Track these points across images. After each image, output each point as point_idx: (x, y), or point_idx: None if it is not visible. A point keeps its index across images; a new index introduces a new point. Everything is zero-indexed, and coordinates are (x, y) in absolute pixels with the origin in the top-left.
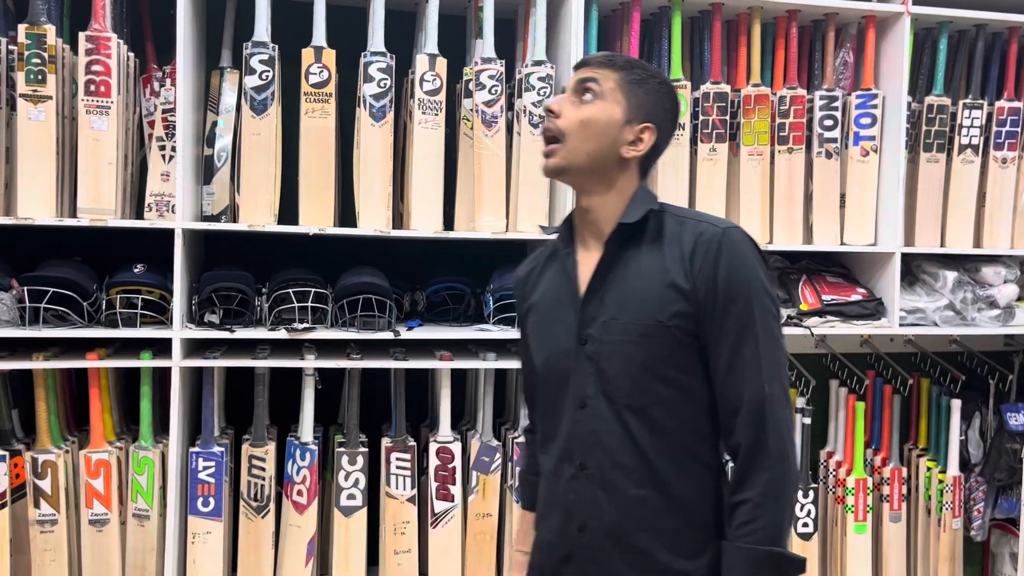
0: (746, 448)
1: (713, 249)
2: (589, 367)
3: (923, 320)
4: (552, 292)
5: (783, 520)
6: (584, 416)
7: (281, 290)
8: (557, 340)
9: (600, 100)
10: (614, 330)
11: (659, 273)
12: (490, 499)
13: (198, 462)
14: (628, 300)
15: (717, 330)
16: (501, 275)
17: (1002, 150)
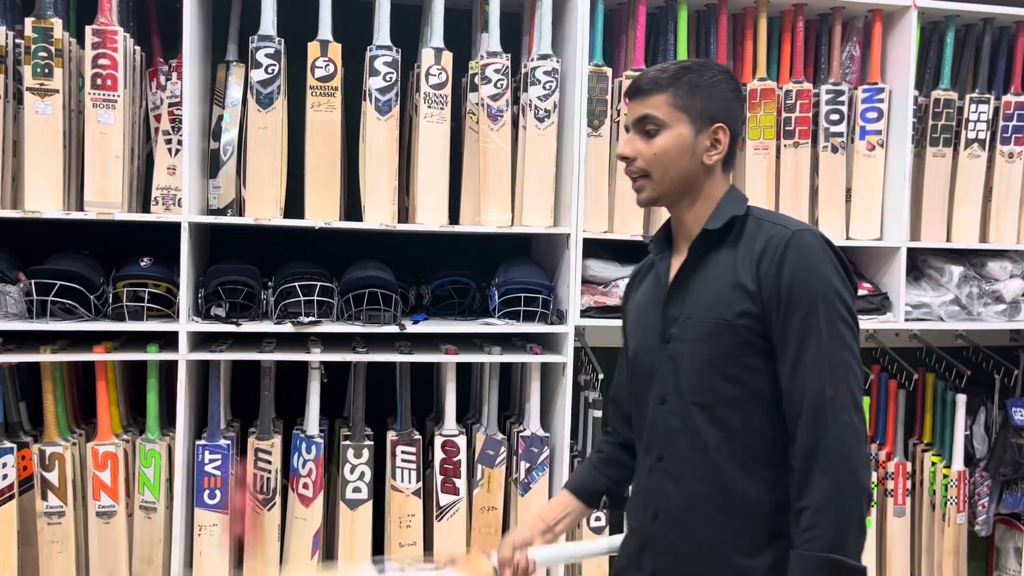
0: (806, 452)
1: (780, 251)
2: (669, 365)
3: (928, 315)
4: (646, 295)
5: (847, 527)
6: (663, 412)
7: (287, 284)
8: (645, 339)
9: (664, 128)
10: (690, 329)
11: (730, 274)
12: (495, 492)
13: (205, 455)
14: (703, 300)
15: (782, 332)
16: (506, 269)
17: (1009, 144)
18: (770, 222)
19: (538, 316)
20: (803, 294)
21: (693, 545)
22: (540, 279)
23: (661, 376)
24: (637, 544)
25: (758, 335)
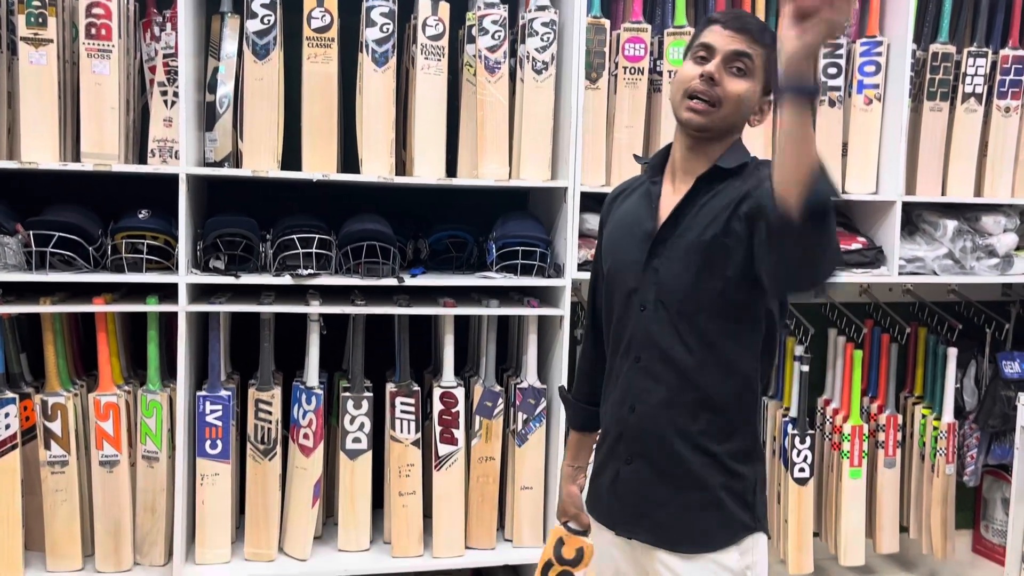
0: None
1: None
2: (653, 277)
3: (922, 269)
4: (632, 211)
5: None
6: (643, 318)
7: (286, 236)
8: (629, 251)
9: (750, 77)
10: (679, 246)
11: (730, 202)
12: (493, 443)
13: (205, 405)
14: (698, 223)
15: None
16: (504, 223)
17: (1005, 99)
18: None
19: (535, 270)
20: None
21: (668, 433)
22: (537, 233)
23: (644, 286)
24: (614, 437)
25: (742, 249)
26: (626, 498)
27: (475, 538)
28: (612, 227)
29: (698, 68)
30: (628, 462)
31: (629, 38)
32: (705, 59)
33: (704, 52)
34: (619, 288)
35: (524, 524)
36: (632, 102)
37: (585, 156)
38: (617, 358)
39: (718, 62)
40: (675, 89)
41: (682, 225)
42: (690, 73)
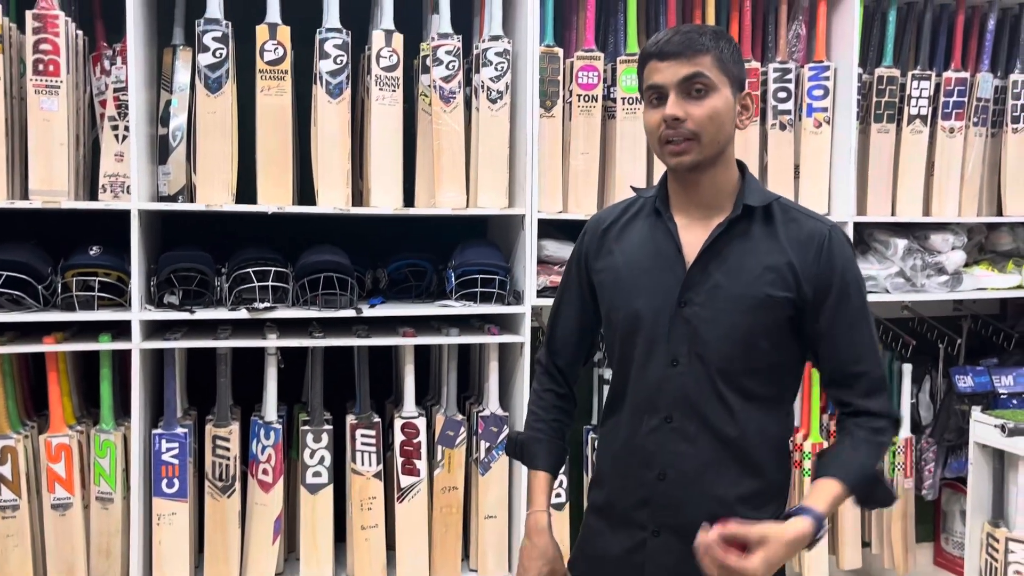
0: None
1: (826, 245)
2: (684, 329)
3: (875, 287)
4: (647, 251)
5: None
6: (675, 374)
7: (241, 270)
8: (651, 298)
9: (712, 90)
10: (720, 297)
11: (772, 254)
12: (455, 473)
13: (161, 444)
14: (739, 273)
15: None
16: (463, 251)
17: (949, 120)
18: (802, 212)
19: (495, 297)
20: (851, 284)
21: (704, 501)
22: (496, 260)
23: (674, 338)
24: (633, 504)
25: (792, 315)
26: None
27: (439, 569)
28: (621, 264)
29: (658, 113)
30: (656, 534)
31: (582, 66)
32: (660, 99)
33: (656, 94)
34: (638, 336)
35: (489, 553)
36: (587, 129)
37: (542, 183)
38: (632, 415)
39: (673, 99)
40: (649, 140)
41: (716, 270)
42: (654, 120)
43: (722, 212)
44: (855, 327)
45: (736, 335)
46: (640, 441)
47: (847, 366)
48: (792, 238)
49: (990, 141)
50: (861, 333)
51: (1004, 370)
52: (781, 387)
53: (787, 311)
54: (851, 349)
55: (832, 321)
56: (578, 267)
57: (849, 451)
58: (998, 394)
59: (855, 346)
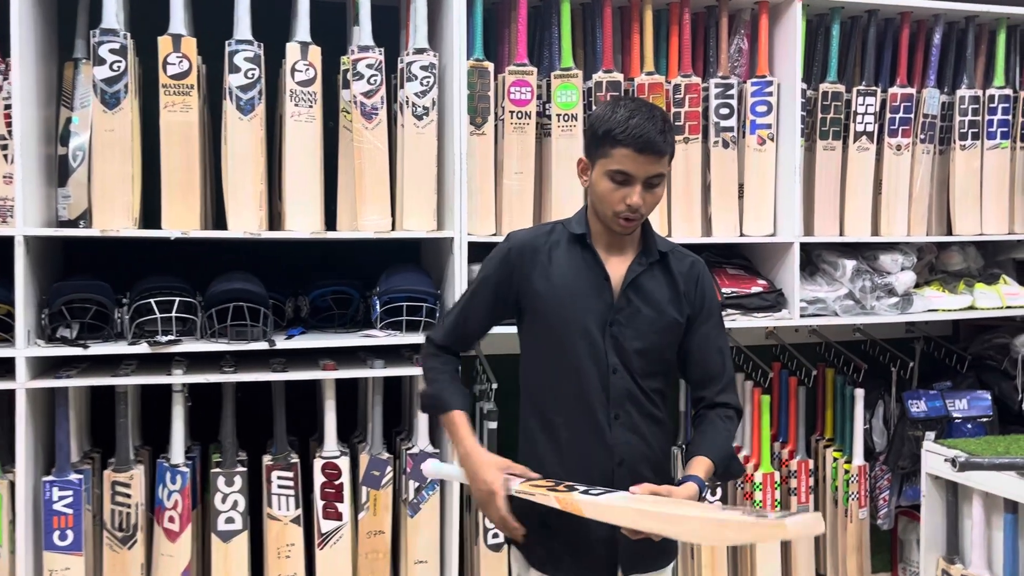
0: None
1: (700, 274)
2: (613, 343)
3: (824, 310)
4: (579, 276)
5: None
6: (617, 380)
7: (142, 300)
8: (584, 315)
9: (663, 181)
10: (642, 321)
11: (671, 286)
12: (381, 515)
13: (53, 492)
14: (650, 301)
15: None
16: (388, 277)
17: (896, 136)
18: (681, 251)
19: (423, 325)
20: (713, 303)
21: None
22: (424, 286)
23: (609, 350)
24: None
25: (681, 331)
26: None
27: None
28: (560, 286)
29: (620, 193)
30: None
31: (514, 81)
32: (625, 182)
33: (622, 178)
34: (579, 346)
35: None
36: (521, 147)
37: (473, 204)
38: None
39: (639, 190)
40: (600, 205)
41: (635, 298)
42: (616, 198)
43: (632, 250)
44: (717, 339)
45: (651, 350)
46: (592, 436)
47: (711, 369)
48: (680, 272)
49: (938, 158)
50: (721, 343)
51: (958, 393)
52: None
53: (682, 328)
54: (714, 356)
55: (702, 334)
56: (499, 280)
57: (713, 435)
58: (952, 418)
59: (719, 352)
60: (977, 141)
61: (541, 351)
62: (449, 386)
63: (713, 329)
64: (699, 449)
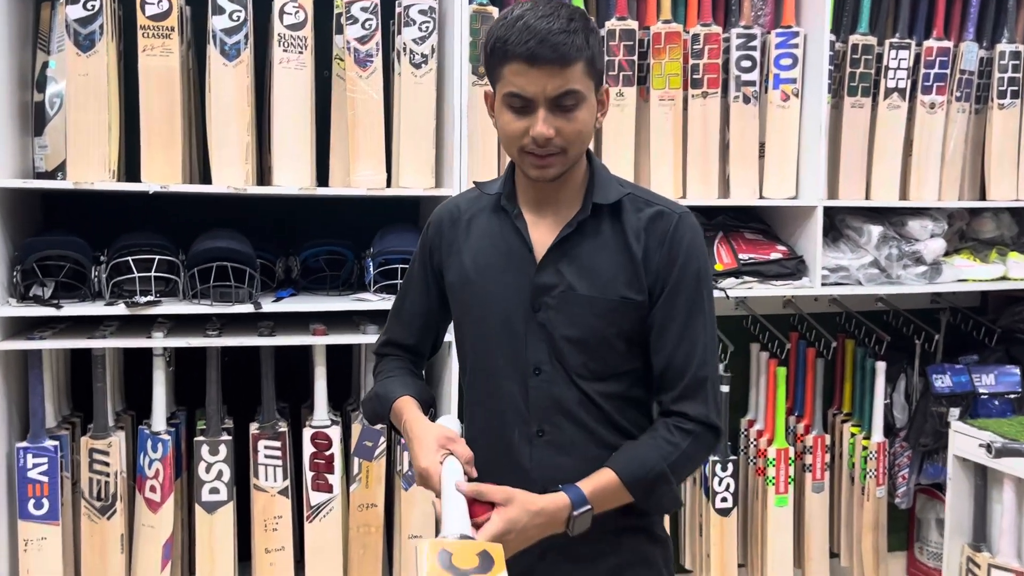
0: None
1: (670, 232)
2: (540, 334)
3: (847, 279)
4: (496, 250)
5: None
6: (540, 383)
7: (120, 258)
8: (503, 302)
9: (582, 101)
10: (574, 301)
11: (622, 251)
12: (374, 488)
13: (27, 459)
14: (589, 274)
15: (668, 307)
16: (383, 236)
17: (930, 94)
18: (652, 201)
19: None
20: (689, 275)
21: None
22: None
23: (531, 345)
24: None
25: (644, 311)
26: None
27: None
28: (470, 265)
29: (521, 123)
30: (541, 557)
31: None
32: (524, 109)
33: (520, 103)
34: (496, 344)
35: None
36: None
37: (474, 160)
38: (498, 428)
39: (543, 115)
40: (505, 145)
41: (567, 272)
42: (516, 129)
43: (573, 208)
44: (686, 324)
45: (592, 339)
46: (514, 457)
47: (671, 364)
48: (635, 228)
49: (974, 118)
50: (692, 330)
51: (985, 368)
52: (637, 388)
53: (641, 307)
54: (678, 346)
55: (664, 314)
56: (422, 264)
57: (635, 447)
58: (978, 394)
59: (682, 342)
60: (1017, 100)
61: (463, 355)
62: (389, 381)
63: (679, 309)
64: (611, 460)
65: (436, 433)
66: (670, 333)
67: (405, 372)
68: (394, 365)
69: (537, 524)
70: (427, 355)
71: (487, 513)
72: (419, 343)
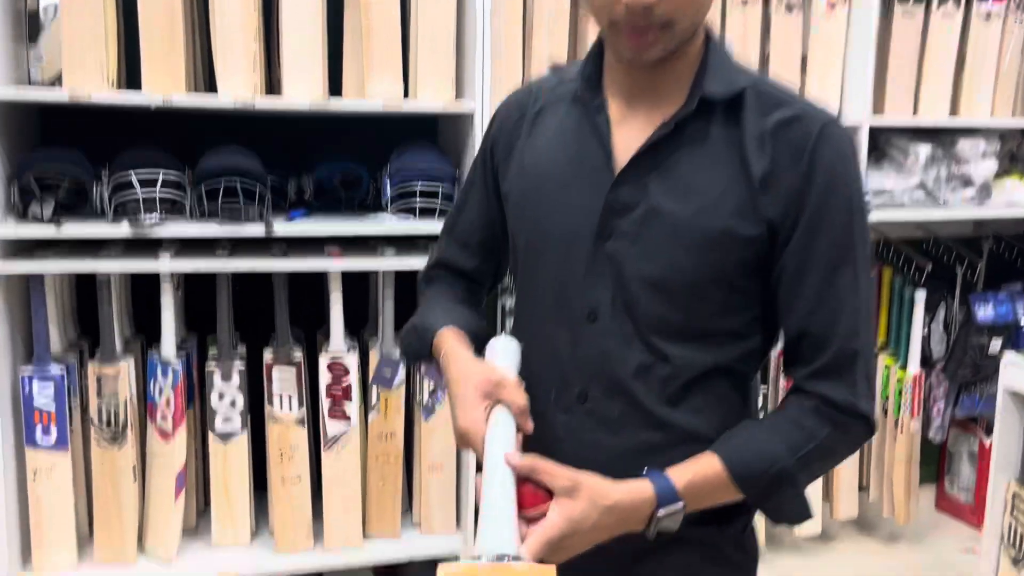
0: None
1: (811, 146)
2: (607, 269)
3: (890, 202)
4: (565, 154)
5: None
6: (593, 333)
7: (122, 175)
8: (563, 222)
9: None
10: (658, 228)
11: (735, 165)
12: (393, 418)
13: (32, 386)
14: (685, 193)
15: (805, 250)
16: (400, 155)
17: (986, 2)
18: (782, 99)
19: (438, 211)
20: (837, 208)
21: None
22: (441, 166)
23: (591, 282)
24: None
25: (763, 250)
26: None
27: (376, 527)
28: (530, 170)
29: None
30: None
31: None
32: None
33: None
34: (543, 277)
35: (434, 509)
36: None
37: (497, 72)
38: (534, 387)
39: None
40: (596, 17)
41: (655, 188)
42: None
43: (675, 103)
44: (830, 277)
45: (676, 282)
46: (545, 425)
47: (807, 330)
48: (766, 138)
49: None
50: (838, 286)
51: None
52: (740, 353)
53: (757, 250)
54: (817, 307)
55: (798, 261)
56: (482, 166)
57: (753, 429)
58: (1021, 325)
59: (823, 303)
60: None
61: (515, 284)
62: (430, 309)
63: (820, 256)
64: (720, 444)
65: (479, 376)
66: (806, 288)
67: (450, 298)
68: (440, 290)
69: (607, 524)
70: (487, 284)
71: (542, 504)
72: (476, 267)
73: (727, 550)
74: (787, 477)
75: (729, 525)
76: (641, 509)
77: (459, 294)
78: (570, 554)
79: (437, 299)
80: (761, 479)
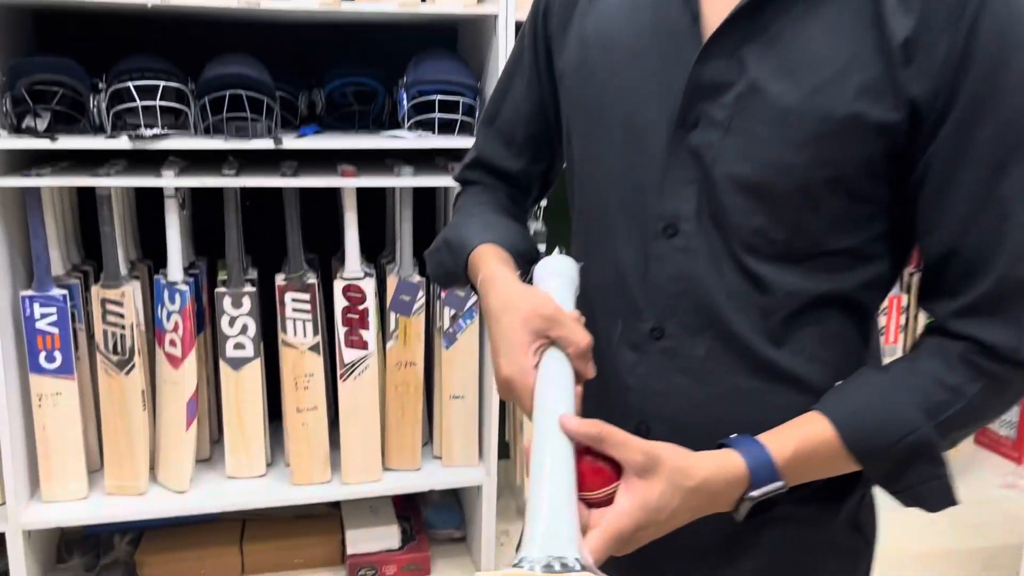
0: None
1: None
2: (691, 167)
3: None
4: (638, 17)
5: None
6: (671, 251)
7: (120, 83)
8: (635, 105)
9: None
10: (760, 115)
11: (866, 27)
12: (412, 345)
13: (33, 308)
14: (796, 67)
15: (961, 142)
16: (417, 65)
17: None
18: None
19: (459, 126)
20: (1008, 88)
21: None
22: (461, 77)
23: (670, 184)
24: None
25: (901, 143)
26: None
27: (395, 458)
28: (593, 39)
29: None
30: None
31: None
32: None
33: None
34: (608, 176)
35: (455, 439)
36: None
37: None
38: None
39: None
40: None
41: (754, 61)
42: None
43: None
44: (993, 179)
45: (781, 185)
46: (607, 369)
47: (957, 249)
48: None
49: None
50: (1004, 193)
51: None
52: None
53: (893, 143)
54: (974, 218)
55: (949, 157)
56: (532, 38)
57: (874, 382)
58: None
59: (981, 213)
60: None
61: (571, 175)
62: (466, 221)
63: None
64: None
65: (527, 308)
66: (960, 194)
67: (491, 207)
68: (478, 197)
69: (689, 508)
70: (535, 189)
71: (610, 482)
72: (523, 168)
73: (838, 534)
74: (925, 450)
75: (842, 500)
76: (732, 489)
77: (502, 202)
78: (640, 545)
79: (474, 208)
80: (889, 452)
